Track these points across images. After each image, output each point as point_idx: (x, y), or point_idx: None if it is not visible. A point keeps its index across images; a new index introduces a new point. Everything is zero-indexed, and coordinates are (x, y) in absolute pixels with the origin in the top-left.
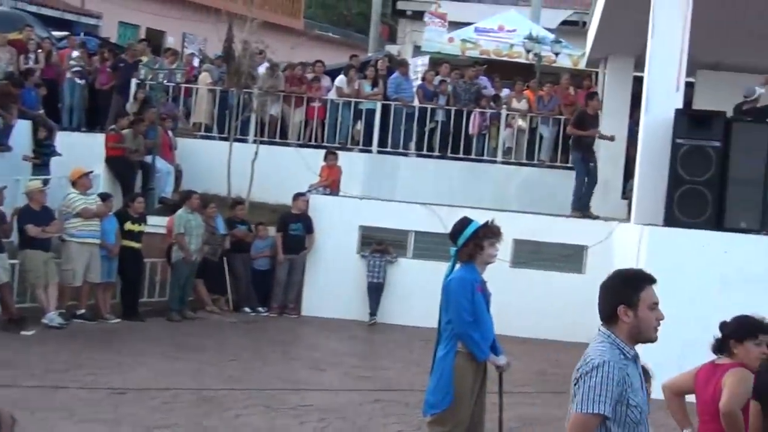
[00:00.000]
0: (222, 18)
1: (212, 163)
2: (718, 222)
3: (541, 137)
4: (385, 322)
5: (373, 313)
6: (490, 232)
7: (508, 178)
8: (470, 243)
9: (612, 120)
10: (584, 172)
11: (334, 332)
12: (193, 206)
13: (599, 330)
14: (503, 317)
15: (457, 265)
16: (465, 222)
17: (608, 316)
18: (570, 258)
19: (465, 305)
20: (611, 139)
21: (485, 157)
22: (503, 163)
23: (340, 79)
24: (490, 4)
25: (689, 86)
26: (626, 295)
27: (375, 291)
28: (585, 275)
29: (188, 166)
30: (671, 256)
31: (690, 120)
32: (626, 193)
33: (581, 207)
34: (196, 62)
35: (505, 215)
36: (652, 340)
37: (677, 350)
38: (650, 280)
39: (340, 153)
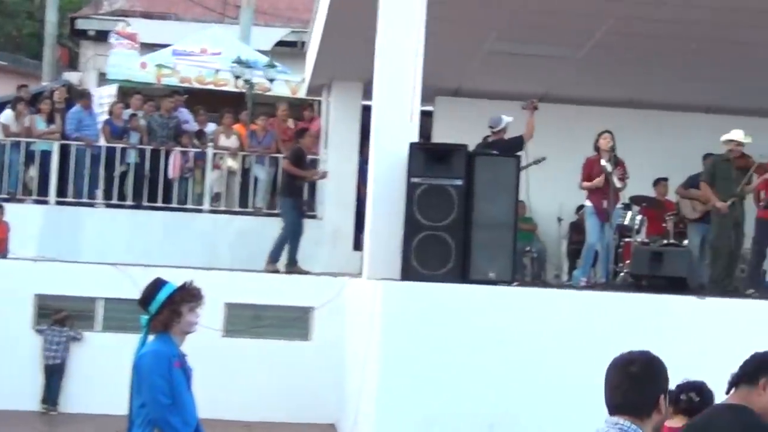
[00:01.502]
0: None
1: None
2: (463, 273)
3: (256, 180)
4: (68, 411)
5: (51, 401)
6: (188, 296)
7: (218, 229)
8: (165, 309)
9: (338, 156)
10: (294, 222)
11: None
12: None
13: (621, 426)
14: (215, 397)
15: (150, 337)
16: (158, 284)
17: (642, 408)
18: (294, 322)
19: (160, 385)
20: (323, 176)
21: (189, 206)
22: (211, 211)
23: (6, 115)
24: (189, 22)
25: (427, 116)
26: (667, 381)
27: (54, 373)
28: (312, 342)
29: None
30: (411, 316)
31: (427, 155)
32: (359, 243)
33: (289, 262)
34: None
35: (216, 274)
36: None
37: (419, 423)
38: None
39: (7, 205)
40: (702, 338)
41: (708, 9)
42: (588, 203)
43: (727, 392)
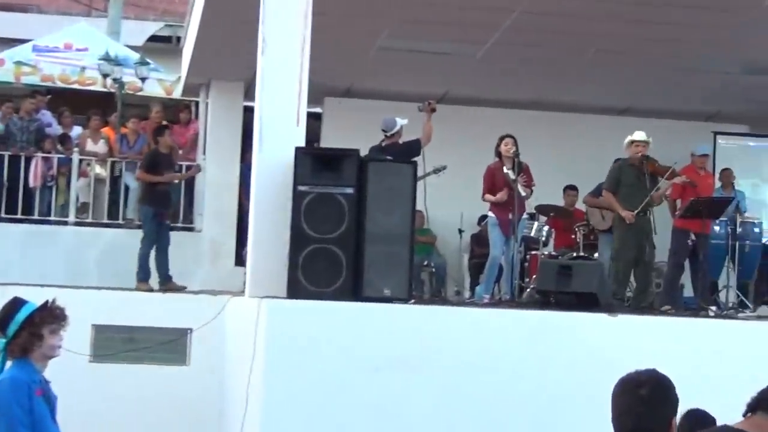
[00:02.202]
0: None
1: None
2: (355, 290)
3: (127, 189)
4: None
5: None
6: (50, 316)
7: (85, 243)
8: (23, 332)
9: (217, 163)
10: (151, 231)
11: None
12: None
13: None
14: (83, 428)
15: (8, 363)
16: (16, 304)
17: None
18: (169, 346)
19: (19, 416)
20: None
21: (52, 218)
22: (77, 224)
23: None
24: (53, 15)
25: (315, 118)
26: (678, 401)
27: None
28: (189, 367)
29: None
30: (298, 338)
31: (315, 161)
32: (241, 258)
33: (162, 279)
34: None
35: (82, 293)
36: None
37: None
38: None
39: None
40: (614, 359)
41: (619, 2)
42: (491, 214)
43: (744, 415)
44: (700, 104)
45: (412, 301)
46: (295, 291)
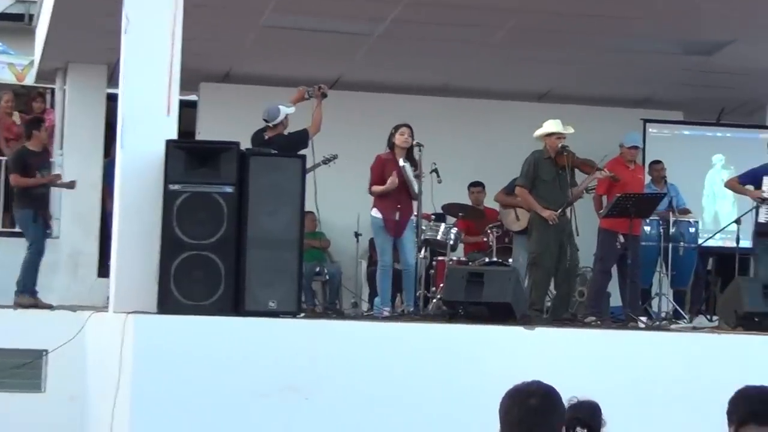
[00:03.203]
0: None
1: None
2: (236, 303)
3: None
4: None
5: None
6: None
7: None
8: None
9: (77, 159)
10: (38, 235)
11: None
12: None
13: None
14: None
15: None
16: None
17: None
18: (22, 370)
19: None
20: (70, 186)
21: None
22: None
23: None
24: None
25: (189, 106)
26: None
27: None
28: (45, 394)
29: None
30: (170, 358)
31: (189, 155)
32: (105, 268)
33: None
34: None
35: None
36: None
37: None
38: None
39: None
40: (531, 378)
41: None
42: (375, 214)
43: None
44: (630, 89)
45: (302, 314)
46: (166, 305)
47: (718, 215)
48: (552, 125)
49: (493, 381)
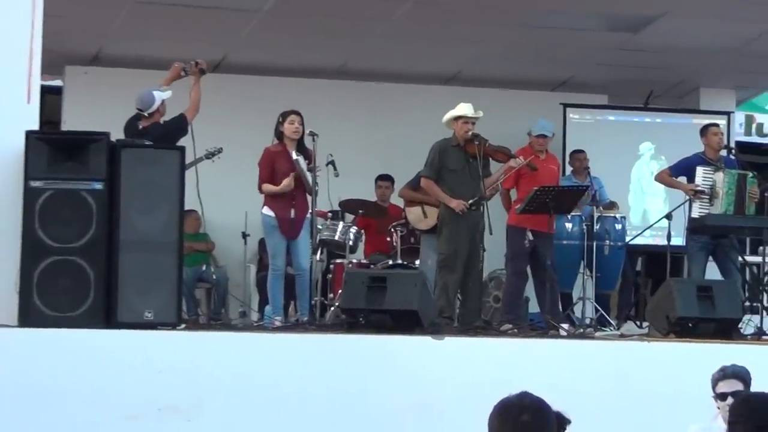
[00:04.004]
0: None
1: None
2: (108, 314)
3: None
4: None
5: None
6: None
7: None
8: None
9: None
10: None
11: None
12: None
13: None
14: None
15: None
16: None
17: None
18: None
19: None
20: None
21: None
22: None
23: None
24: None
25: (54, 93)
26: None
27: None
28: None
29: None
30: (33, 377)
31: (53, 148)
32: None
33: None
34: None
35: None
36: None
37: None
38: None
39: None
40: (441, 392)
41: None
42: (267, 212)
43: None
44: (548, 70)
45: (183, 326)
46: (28, 317)
47: (647, 211)
48: (460, 108)
49: (398, 396)
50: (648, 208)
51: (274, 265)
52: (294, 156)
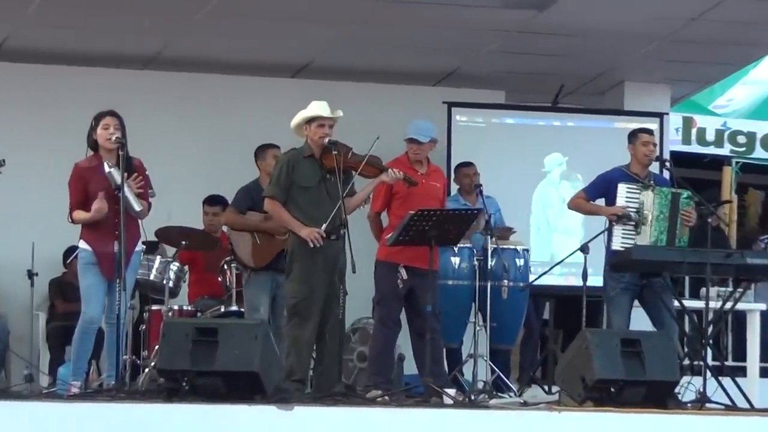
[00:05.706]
0: None
1: None
2: None
3: None
4: None
5: None
6: None
7: None
8: None
9: None
10: None
11: None
12: None
13: None
14: None
15: None
16: None
17: None
18: None
19: None
20: None
21: None
22: None
23: None
24: None
25: None
26: None
27: None
28: None
29: None
30: None
31: None
32: None
33: None
34: None
35: None
36: None
37: None
38: None
39: None
40: None
41: None
42: (83, 245)
43: None
44: (429, 59)
45: None
46: None
47: (555, 255)
48: (312, 108)
49: None
50: (556, 252)
51: (88, 314)
52: (107, 168)
